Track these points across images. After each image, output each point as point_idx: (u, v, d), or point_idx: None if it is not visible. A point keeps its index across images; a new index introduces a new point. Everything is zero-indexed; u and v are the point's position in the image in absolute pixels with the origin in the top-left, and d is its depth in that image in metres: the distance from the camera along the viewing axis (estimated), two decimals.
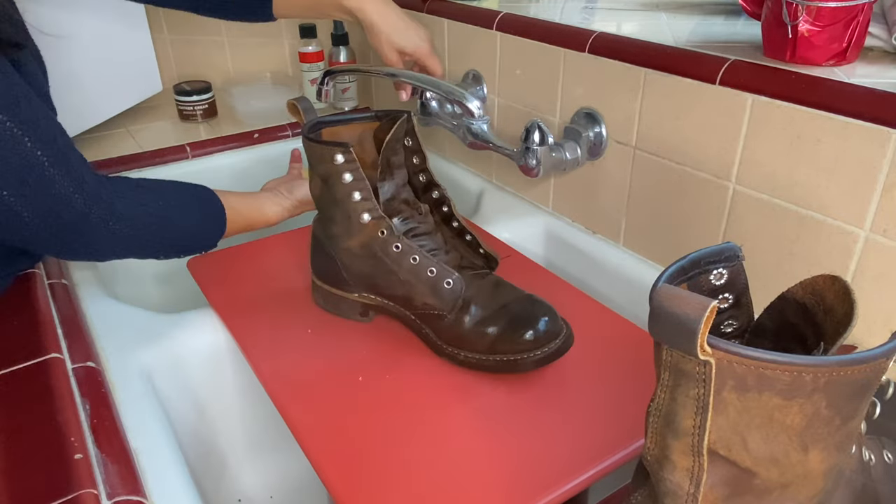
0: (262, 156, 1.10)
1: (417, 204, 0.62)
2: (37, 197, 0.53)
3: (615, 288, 0.76)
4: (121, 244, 0.61)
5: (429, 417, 0.53)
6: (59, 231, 0.56)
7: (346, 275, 0.61)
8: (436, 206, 0.64)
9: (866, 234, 0.54)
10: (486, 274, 0.61)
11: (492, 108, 0.91)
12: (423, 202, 0.63)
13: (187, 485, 0.49)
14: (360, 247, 0.59)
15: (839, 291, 0.34)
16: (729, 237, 0.64)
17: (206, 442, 0.71)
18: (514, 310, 0.56)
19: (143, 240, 0.62)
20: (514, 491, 0.46)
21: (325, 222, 0.62)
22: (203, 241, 0.69)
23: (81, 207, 0.56)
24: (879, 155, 0.51)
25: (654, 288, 0.31)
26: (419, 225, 0.61)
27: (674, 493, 0.34)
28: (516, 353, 0.55)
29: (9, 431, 0.50)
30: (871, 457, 0.39)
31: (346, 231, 0.59)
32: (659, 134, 0.68)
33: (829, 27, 0.56)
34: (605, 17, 0.84)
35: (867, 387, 0.32)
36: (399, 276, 0.58)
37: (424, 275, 0.57)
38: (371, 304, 0.62)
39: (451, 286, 0.57)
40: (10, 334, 0.60)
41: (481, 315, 0.57)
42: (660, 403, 0.33)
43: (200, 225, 0.68)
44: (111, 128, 1.11)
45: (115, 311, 0.67)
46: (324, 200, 0.61)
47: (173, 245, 0.66)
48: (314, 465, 0.49)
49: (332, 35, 1.17)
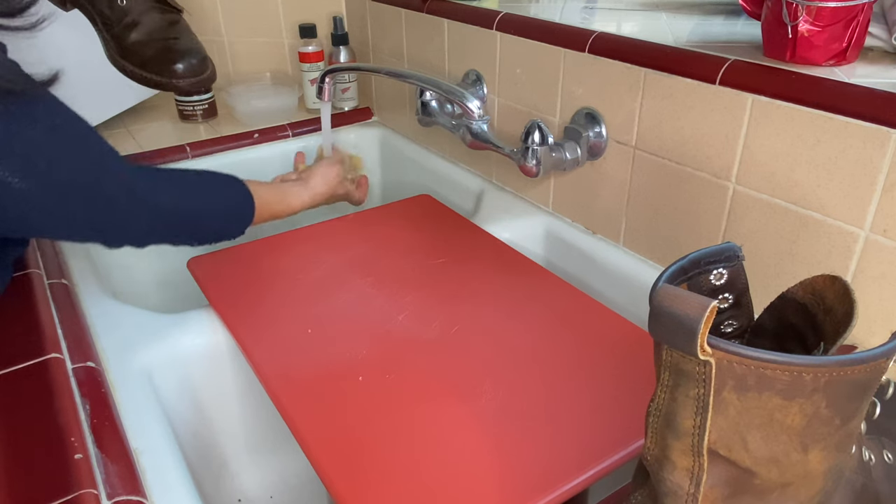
0: (262, 156, 1.10)
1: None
2: (78, 198, 0.54)
3: (615, 288, 0.76)
4: (156, 231, 0.63)
5: (429, 417, 0.53)
6: (99, 224, 0.58)
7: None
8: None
9: (866, 234, 0.54)
10: (172, 12, 0.75)
11: (492, 108, 0.91)
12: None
13: (187, 485, 0.49)
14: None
15: (839, 291, 0.34)
16: (729, 237, 0.65)
17: (206, 442, 0.71)
18: (172, 44, 0.71)
19: (179, 227, 0.65)
20: (514, 491, 0.46)
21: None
22: (234, 227, 0.72)
23: (117, 194, 0.57)
24: (879, 155, 0.51)
25: (654, 288, 0.31)
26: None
27: (674, 493, 0.34)
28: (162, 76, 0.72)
29: (9, 431, 0.49)
30: (871, 457, 0.39)
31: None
32: (659, 134, 0.68)
33: (829, 27, 0.56)
34: (605, 17, 0.84)
35: (867, 387, 0.32)
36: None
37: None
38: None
39: (124, 4, 0.70)
40: (10, 334, 0.60)
41: (143, 37, 0.71)
42: (660, 403, 0.33)
43: (232, 212, 0.71)
44: (111, 128, 1.12)
45: (115, 311, 0.67)
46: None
47: (205, 234, 0.69)
48: (314, 465, 0.49)
49: (332, 35, 1.17)
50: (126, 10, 0.77)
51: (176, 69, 0.79)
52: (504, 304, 0.67)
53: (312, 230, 0.83)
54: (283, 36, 1.24)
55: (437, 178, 1.05)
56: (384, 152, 1.20)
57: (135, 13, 0.78)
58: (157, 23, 0.79)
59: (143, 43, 0.78)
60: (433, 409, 0.54)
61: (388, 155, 1.19)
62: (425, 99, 0.93)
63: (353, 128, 1.20)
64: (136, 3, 0.77)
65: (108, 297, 0.70)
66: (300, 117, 1.17)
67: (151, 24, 0.79)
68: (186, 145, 1.05)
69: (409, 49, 1.05)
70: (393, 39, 1.08)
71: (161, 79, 0.80)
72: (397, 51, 1.08)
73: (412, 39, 1.03)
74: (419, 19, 0.99)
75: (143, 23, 0.78)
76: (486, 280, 0.71)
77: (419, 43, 1.01)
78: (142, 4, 0.78)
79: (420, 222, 0.84)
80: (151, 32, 0.79)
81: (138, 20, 0.78)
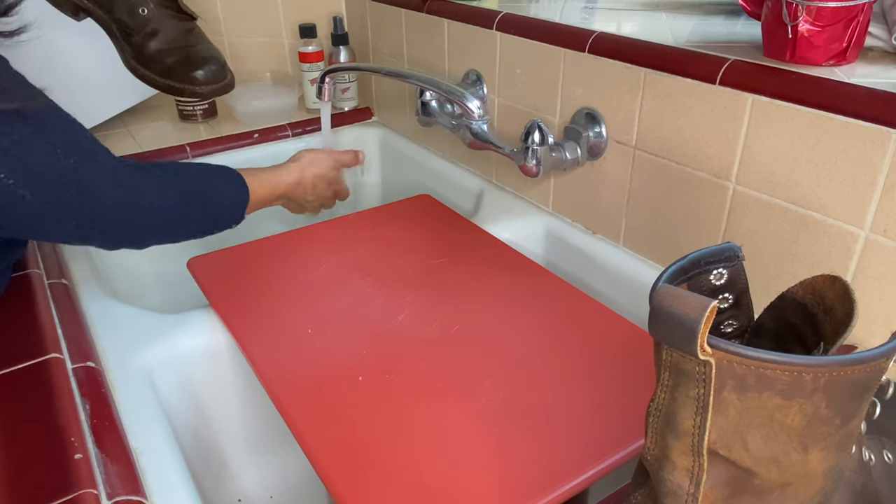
0: (262, 156, 1.10)
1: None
2: (69, 200, 0.54)
3: (615, 288, 0.76)
4: (156, 230, 0.63)
5: (429, 417, 0.53)
6: (91, 226, 0.57)
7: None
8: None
9: (866, 234, 0.54)
10: (187, 19, 0.78)
11: (492, 108, 0.91)
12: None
13: (187, 485, 0.49)
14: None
15: (839, 291, 0.34)
16: (729, 237, 0.64)
17: (206, 442, 0.71)
18: (191, 52, 0.73)
19: (177, 221, 0.65)
20: (514, 491, 0.46)
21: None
22: (231, 215, 0.71)
23: (115, 202, 0.57)
24: (879, 155, 0.51)
25: (654, 288, 0.31)
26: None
27: (674, 493, 0.34)
28: (184, 83, 0.75)
29: (9, 431, 0.49)
30: (871, 457, 0.39)
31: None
32: (659, 134, 0.68)
33: (829, 27, 0.56)
34: (605, 17, 0.84)
35: (867, 387, 0.32)
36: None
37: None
38: (82, 7, 0.77)
39: (145, 13, 0.72)
40: (10, 334, 0.60)
41: (163, 45, 0.74)
42: (660, 403, 0.33)
43: (225, 200, 0.70)
44: (111, 128, 1.12)
45: (115, 311, 0.67)
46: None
47: (204, 225, 0.68)
48: (314, 465, 0.49)
49: (332, 35, 1.17)
50: (147, 18, 0.78)
51: (197, 76, 0.81)
52: (504, 304, 0.67)
53: (312, 230, 0.83)
54: (283, 36, 1.24)
55: (437, 178, 1.05)
56: (384, 152, 1.20)
57: (154, 22, 0.79)
58: (175, 31, 0.81)
59: (164, 51, 0.80)
60: (433, 409, 0.54)
61: (388, 155, 1.19)
62: (425, 99, 0.93)
63: (353, 128, 1.20)
64: (155, 11, 0.78)
65: (108, 297, 0.70)
66: (300, 117, 1.17)
67: (170, 33, 0.80)
68: (186, 145, 1.05)
69: (409, 49, 1.05)
70: (393, 39, 1.08)
71: (183, 86, 0.81)
72: (397, 51, 1.08)
73: (412, 39, 1.03)
74: (419, 19, 0.99)
75: (162, 31, 0.80)
76: (487, 280, 0.71)
77: (419, 43, 1.01)
78: (160, 13, 0.79)
79: (420, 222, 0.84)
80: (171, 41, 0.80)
81: (158, 28, 0.79)
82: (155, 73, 0.80)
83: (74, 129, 0.57)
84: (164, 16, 0.80)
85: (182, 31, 0.81)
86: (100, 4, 0.78)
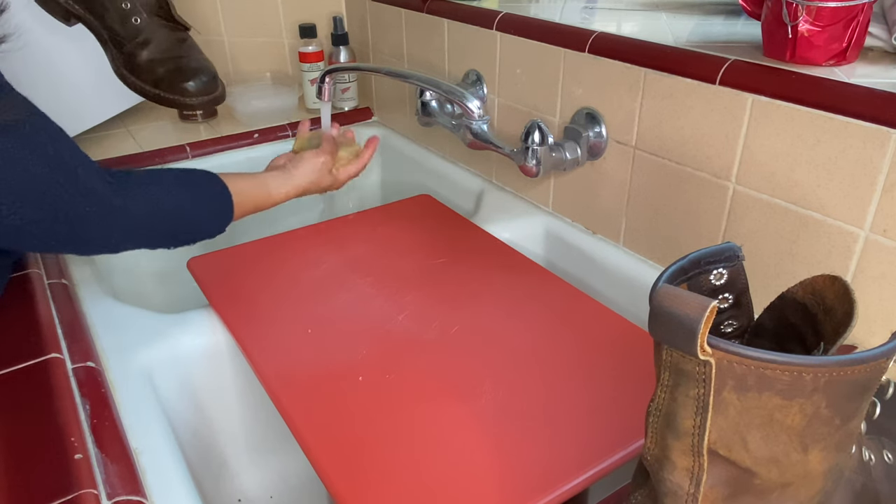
0: (262, 156, 1.10)
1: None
2: (43, 206, 0.54)
3: (615, 288, 0.76)
4: (132, 238, 0.62)
5: (429, 417, 0.53)
6: (69, 234, 0.57)
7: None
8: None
9: (866, 234, 0.54)
10: (180, 30, 0.79)
11: (492, 108, 0.91)
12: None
13: (187, 485, 0.49)
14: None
15: (839, 291, 0.34)
16: (729, 237, 0.64)
17: (206, 442, 0.71)
18: (182, 63, 0.75)
19: (155, 232, 0.64)
20: (513, 491, 0.46)
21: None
22: (213, 227, 0.70)
23: (90, 211, 0.56)
24: (879, 155, 0.51)
25: (654, 288, 0.31)
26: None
27: (674, 493, 0.34)
28: (174, 94, 0.77)
29: (9, 431, 0.50)
30: (871, 457, 0.39)
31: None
32: (659, 134, 0.68)
33: (829, 27, 0.56)
34: (605, 17, 0.84)
35: (867, 387, 0.32)
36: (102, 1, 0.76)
37: (119, 5, 0.74)
38: (73, 13, 0.79)
39: (137, 23, 0.74)
40: (10, 334, 0.60)
41: (154, 55, 0.76)
42: (660, 403, 0.33)
43: (208, 214, 0.69)
44: (111, 128, 1.11)
45: (115, 311, 0.67)
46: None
47: (182, 236, 0.67)
48: (314, 465, 0.49)
49: (332, 35, 1.17)
50: (139, 28, 0.78)
51: (187, 87, 0.81)
52: (504, 304, 0.67)
53: (312, 230, 0.83)
54: (283, 36, 1.24)
55: (437, 178, 1.05)
56: (384, 152, 1.20)
57: (146, 31, 0.78)
58: (167, 41, 0.81)
59: (155, 61, 0.80)
60: (433, 409, 0.54)
61: (388, 155, 1.19)
62: (425, 99, 0.93)
63: (353, 128, 1.20)
64: (147, 21, 0.78)
65: (108, 297, 0.70)
66: (300, 117, 1.17)
67: (162, 43, 0.80)
68: (186, 145, 1.05)
69: (409, 49, 1.05)
70: (393, 39, 1.08)
71: (173, 97, 0.81)
72: (397, 51, 1.08)
73: (412, 39, 1.03)
74: (419, 19, 0.99)
75: (153, 41, 0.79)
76: (486, 280, 0.71)
77: (419, 43, 1.01)
78: (153, 22, 0.79)
79: (420, 222, 0.84)
80: (163, 51, 0.80)
81: (150, 38, 0.79)
82: (145, 83, 0.80)
83: (57, 141, 0.56)
84: (157, 26, 0.79)
85: (174, 42, 0.81)
86: (91, 11, 0.78)
